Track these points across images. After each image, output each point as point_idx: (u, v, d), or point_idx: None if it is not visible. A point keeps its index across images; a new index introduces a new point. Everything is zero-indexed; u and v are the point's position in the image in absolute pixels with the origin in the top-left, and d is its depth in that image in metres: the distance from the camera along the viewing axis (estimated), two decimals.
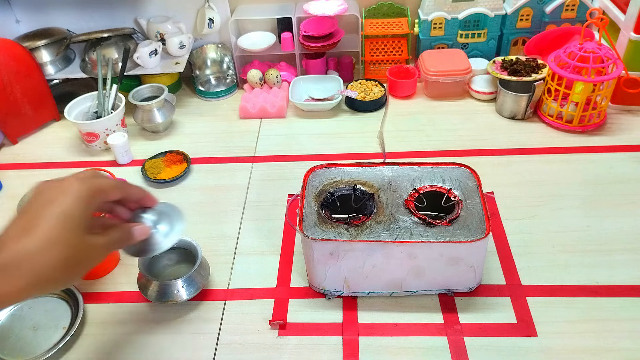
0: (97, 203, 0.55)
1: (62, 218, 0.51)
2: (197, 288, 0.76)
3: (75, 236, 0.52)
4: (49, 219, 0.50)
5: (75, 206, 0.52)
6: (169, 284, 0.74)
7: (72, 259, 0.52)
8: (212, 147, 1.13)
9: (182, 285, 0.75)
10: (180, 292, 0.75)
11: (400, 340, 0.71)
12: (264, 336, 0.73)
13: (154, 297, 0.75)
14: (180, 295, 0.75)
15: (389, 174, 0.80)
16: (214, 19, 1.28)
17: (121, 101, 1.14)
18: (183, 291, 0.75)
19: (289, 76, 1.31)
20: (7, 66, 1.13)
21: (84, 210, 0.53)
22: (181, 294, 0.75)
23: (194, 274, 0.76)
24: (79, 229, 0.52)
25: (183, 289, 0.75)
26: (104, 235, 0.56)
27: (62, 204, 0.51)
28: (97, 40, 1.24)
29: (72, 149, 1.17)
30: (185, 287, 0.75)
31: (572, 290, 0.77)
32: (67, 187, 0.53)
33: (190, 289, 0.76)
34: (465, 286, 0.76)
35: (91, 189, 0.54)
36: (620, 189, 0.94)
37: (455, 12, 1.25)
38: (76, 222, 0.52)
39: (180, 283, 0.75)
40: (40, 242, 0.49)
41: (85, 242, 0.53)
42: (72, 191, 0.53)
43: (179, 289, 0.75)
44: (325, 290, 0.77)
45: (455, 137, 1.10)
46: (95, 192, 0.54)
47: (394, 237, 0.69)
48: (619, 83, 1.08)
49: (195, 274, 0.76)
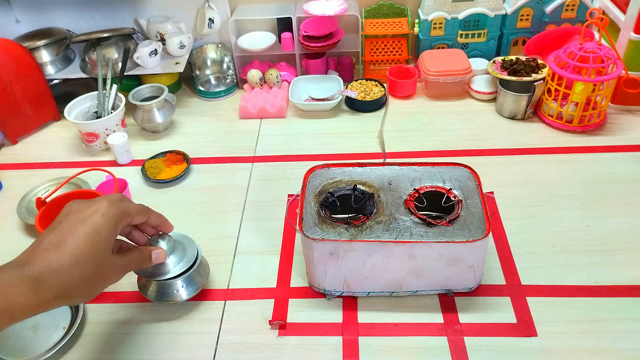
0: (123, 225, 0.60)
1: (92, 237, 0.55)
2: (196, 288, 0.76)
3: (102, 255, 0.56)
4: (79, 236, 0.54)
5: (104, 226, 0.56)
6: (168, 283, 0.74)
7: (97, 275, 0.56)
8: (212, 147, 1.13)
9: (182, 285, 0.75)
10: (180, 291, 0.75)
11: (400, 340, 0.71)
12: (264, 336, 0.73)
13: (153, 297, 0.75)
14: (180, 295, 0.75)
15: (389, 174, 0.80)
16: (214, 19, 1.28)
17: (121, 101, 1.14)
18: (183, 291, 0.75)
19: (289, 76, 1.31)
20: (7, 66, 1.13)
21: (112, 231, 0.57)
22: (181, 294, 0.75)
23: (194, 273, 0.76)
24: (106, 249, 0.56)
25: (183, 288, 0.75)
26: (125, 256, 0.61)
27: (92, 223, 0.55)
28: (97, 40, 1.24)
29: (72, 149, 1.17)
30: (185, 286, 0.75)
31: (572, 290, 0.77)
32: (98, 207, 0.57)
33: (190, 289, 0.75)
34: (465, 286, 0.76)
35: (119, 212, 0.58)
36: (620, 189, 0.94)
37: (455, 12, 1.25)
38: (103, 241, 0.56)
39: (179, 283, 0.75)
40: (70, 258, 0.53)
41: (110, 261, 0.57)
42: (102, 212, 0.57)
43: (178, 289, 0.75)
44: (325, 290, 0.77)
45: (455, 137, 1.10)
46: (123, 215, 0.59)
47: (394, 237, 0.69)
48: (619, 83, 1.08)
49: (195, 273, 0.76)
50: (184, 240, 0.76)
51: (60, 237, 0.54)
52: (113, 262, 0.58)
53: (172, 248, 0.72)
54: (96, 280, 0.56)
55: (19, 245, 0.91)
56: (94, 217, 0.56)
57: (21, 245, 0.58)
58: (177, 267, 0.72)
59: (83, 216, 0.56)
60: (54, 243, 0.53)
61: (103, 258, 0.56)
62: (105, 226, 0.56)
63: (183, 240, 0.76)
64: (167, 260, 0.72)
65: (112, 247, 0.58)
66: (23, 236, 0.94)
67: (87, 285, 0.55)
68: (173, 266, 0.72)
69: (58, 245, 0.53)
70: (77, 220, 0.55)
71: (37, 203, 0.90)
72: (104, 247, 0.56)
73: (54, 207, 0.91)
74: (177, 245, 0.74)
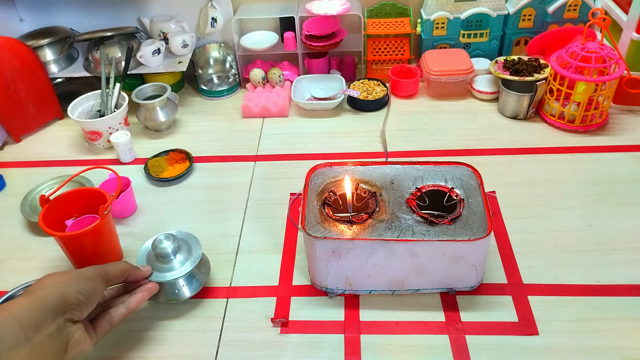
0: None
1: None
2: (198, 285, 0.76)
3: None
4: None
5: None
6: (169, 283, 0.75)
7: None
8: (214, 146, 1.14)
9: (183, 284, 0.75)
10: (182, 290, 0.75)
11: (402, 338, 0.72)
12: (266, 334, 0.74)
13: (155, 297, 0.75)
14: (182, 293, 0.75)
15: (391, 172, 0.80)
16: (217, 18, 1.28)
17: (124, 100, 1.14)
18: (184, 289, 0.75)
19: (292, 75, 1.31)
20: (10, 65, 1.13)
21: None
22: (183, 292, 0.75)
23: (194, 271, 0.76)
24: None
25: (184, 287, 0.75)
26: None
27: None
28: (101, 39, 1.24)
29: (75, 147, 1.17)
30: (187, 285, 0.76)
31: (574, 289, 0.77)
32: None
33: (192, 287, 0.76)
34: (467, 285, 0.76)
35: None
36: (621, 188, 0.94)
37: (457, 12, 1.25)
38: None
39: (180, 282, 0.75)
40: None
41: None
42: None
43: (179, 288, 0.75)
44: (327, 288, 0.78)
45: (457, 136, 1.11)
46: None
47: (396, 236, 0.70)
48: (621, 83, 1.08)
49: (196, 270, 0.76)
50: (188, 239, 0.77)
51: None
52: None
53: (177, 248, 0.73)
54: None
55: (22, 243, 0.92)
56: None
57: (24, 243, 0.58)
58: (183, 268, 0.73)
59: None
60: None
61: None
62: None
63: (188, 239, 0.76)
64: (174, 260, 0.72)
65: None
66: (26, 234, 0.94)
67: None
68: (179, 266, 0.73)
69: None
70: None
71: (40, 201, 0.90)
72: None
73: (58, 205, 0.91)
74: (182, 245, 0.74)
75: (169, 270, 0.72)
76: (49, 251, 0.89)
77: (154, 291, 0.70)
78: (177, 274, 0.72)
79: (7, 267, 0.87)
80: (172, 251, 0.73)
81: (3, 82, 1.12)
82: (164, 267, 0.73)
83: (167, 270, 0.72)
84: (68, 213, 0.92)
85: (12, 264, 0.87)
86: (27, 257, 0.89)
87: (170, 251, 0.73)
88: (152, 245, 0.73)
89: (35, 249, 0.90)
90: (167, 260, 0.73)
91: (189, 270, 0.73)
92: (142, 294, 0.68)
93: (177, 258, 0.73)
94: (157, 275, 0.72)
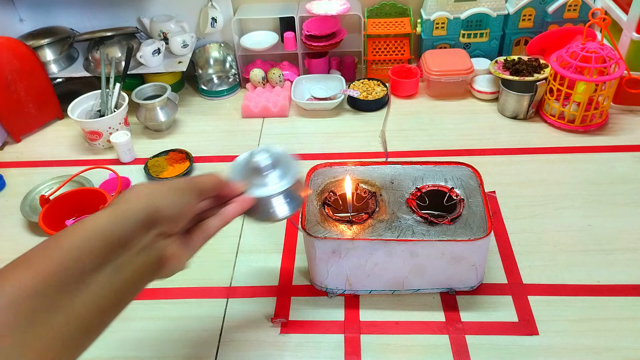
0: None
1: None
2: (293, 207, 0.66)
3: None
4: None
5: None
6: (263, 200, 0.64)
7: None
8: (214, 146, 1.14)
9: (278, 203, 0.65)
10: (276, 210, 0.65)
11: (402, 338, 0.72)
12: (266, 334, 0.74)
13: (248, 215, 0.64)
14: (276, 213, 0.65)
15: (391, 172, 0.80)
16: (217, 18, 1.28)
17: (124, 100, 1.15)
18: (279, 209, 0.65)
19: (292, 75, 1.31)
20: (10, 65, 1.13)
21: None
22: (277, 212, 0.65)
23: (291, 191, 0.65)
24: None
25: (280, 206, 0.65)
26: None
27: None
28: (101, 39, 1.24)
29: (75, 147, 1.17)
30: (282, 204, 0.65)
31: (574, 289, 0.77)
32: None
33: (287, 207, 0.65)
34: (467, 285, 0.76)
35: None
36: (621, 188, 0.94)
37: (457, 12, 1.25)
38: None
39: (275, 200, 0.64)
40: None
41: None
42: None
43: (274, 207, 0.65)
44: (327, 288, 0.78)
45: (457, 136, 1.11)
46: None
47: (396, 236, 0.70)
48: (621, 83, 1.08)
49: (292, 190, 0.66)
50: (286, 159, 0.67)
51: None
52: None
53: (275, 164, 0.64)
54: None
55: (22, 243, 0.92)
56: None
57: (25, 243, 0.58)
58: (279, 185, 0.63)
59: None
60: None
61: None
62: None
63: (286, 159, 0.67)
64: (270, 176, 0.64)
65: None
66: (26, 234, 0.94)
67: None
68: (276, 183, 0.64)
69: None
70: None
71: (40, 201, 0.91)
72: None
73: (58, 205, 0.91)
74: (279, 162, 0.65)
75: (264, 186, 0.64)
76: None
77: (249, 204, 0.61)
78: (273, 191, 0.63)
79: None
80: (269, 165, 0.64)
81: (3, 82, 1.13)
82: (259, 182, 0.64)
83: (263, 186, 0.64)
84: (68, 213, 0.92)
85: None
86: None
87: (268, 165, 0.64)
88: (249, 157, 0.65)
89: None
90: (263, 176, 0.64)
91: (285, 188, 0.63)
92: (237, 204, 0.60)
93: (273, 175, 0.64)
94: (252, 191, 0.63)
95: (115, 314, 0.44)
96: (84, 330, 0.40)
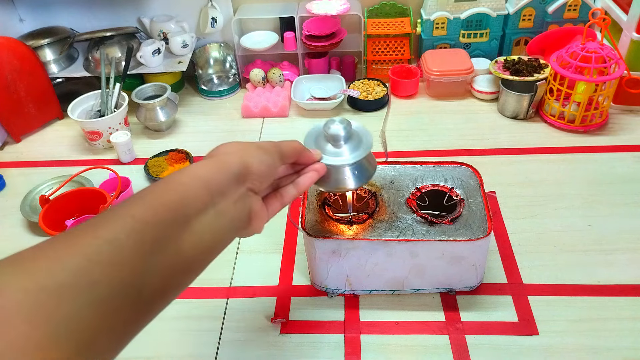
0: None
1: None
2: (366, 178, 0.67)
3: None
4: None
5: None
6: (336, 169, 0.65)
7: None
8: (214, 146, 1.13)
9: (351, 173, 0.66)
10: (348, 179, 0.66)
11: (402, 338, 0.72)
12: (266, 334, 0.74)
13: (320, 183, 0.65)
14: (349, 183, 0.66)
15: (391, 172, 0.80)
16: (217, 18, 1.28)
17: (124, 100, 1.15)
18: (351, 179, 0.66)
19: (292, 75, 1.31)
20: (10, 65, 1.13)
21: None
22: (349, 182, 0.66)
23: (364, 162, 0.66)
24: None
25: (352, 177, 0.66)
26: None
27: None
28: (101, 39, 1.24)
29: (75, 147, 1.17)
30: (354, 175, 0.66)
31: (574, 289, 0.77)
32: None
33: (359, 178, 0.66)
34: (467, 285, 0.76)
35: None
36: (621, 188, 0.94)
37: (457, 12, 1.25)
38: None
39: (348, 170, 0.66)
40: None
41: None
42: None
43: (347, 177, 0.66)
44: (327, 288, 0.78)
45: (457, 136, 1.11)
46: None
47: (396, 236, 0.70)
48: (621, 83, 1.08)
49: (365, 162, 0.67)
50: (361, 131, 0.68)
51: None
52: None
53: (349, 135, 0.65)
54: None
55: (22, 243, 0.92)
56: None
57: (25, 243, 0.58)
58: (353, 155, 0.64)
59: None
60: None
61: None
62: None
63: (360, 131, 0.68)
64: (344, 146, 0.65)
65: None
66: (26, 234, 0.94)
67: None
68: (349, 153, 0.65)
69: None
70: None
71: (40, 201, 0.91)
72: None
73: (58, 205, 0.91)
74: (354, 134, 0.66)
75: (338, 155, 0.65)
76: None
77: (322, 173, 0.62)
78: (346, 161, 0.64)
79: None
80: (344, 136, 0.65)
81: (3, 82, 1.13)
82: (333, 151, 0.65)
83: (336, 155, 0.65)
84: (68, 213, 0.92)
85: None
86: None
87: (343, 135, 0.65)
88: (325, 126, 0.66)
89: None
90: (337, 145, 0.65)
91: (359, 158, 0.64)
92: (311, 173, 0.61)
93: (347, 144, 0.65)
94: (325, 159, 0.64)
95: (211, 258, 0.46)
96: (186, 269, 0.42)
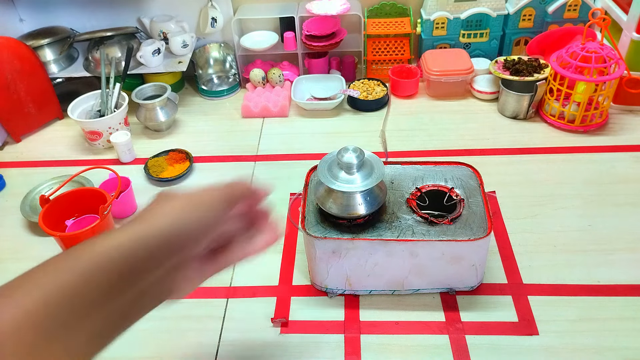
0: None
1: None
2: (377, 204, 0.70)
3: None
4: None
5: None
6: (347, 196, 0.67)
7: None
8: (214, 146, 1.14)
9: (362, 200, 0.69)
10: (359, 206, 0.69)
11: (402, 338, 0.72)
12: (266, 334, 0.74)
13: (335, 210, 0.68)
14: (359, 209, 0.69)
15: (391, 172, 0.80)
16: (217, 18, 1.28)
17: (124, 100, 1.14)
18: (362, 206, 0.69)
19: (292, 75, 1.31)
20: (10, 65, 1.13)
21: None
22: (360, 208, 0.69)
23: (375, 189, 0.69)
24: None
25: (363, 204, 0.69)
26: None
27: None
28: (101, 39, 1.24)
29: (75, 147, 1.17)
30: (365, 202, 0.69)
31: (574, 289, 0.77)
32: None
33: (370, 205, 0.69)
34: (467, 285, 0.76)
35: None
36: (621, 188, 0.94)
37: (457, 12, 1.25)
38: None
39: (359, 197, 0.68)
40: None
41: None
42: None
43: (358, 203, 0.69)
44: (328, 288, 0.78)
45: (457, 136, 1.11)
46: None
47: (396, 236, 0.70)
48: (621, 83, 1.08)
49: (377, 189, 0.69)
50: (373, 159, 0.71)
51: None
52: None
53: (362, 163, 0.68)
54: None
55: (22, 243, 0.92)
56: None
57: (25, 243, 0.58)
58: (365, 183, 0.67)
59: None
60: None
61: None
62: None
63: (372, 159, 0.71)
64: (356, 173, 0.67)
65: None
66: (26, 234, 0.94)
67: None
68: (361, 181, 0.67)
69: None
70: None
71: (40, 201, 0.90)
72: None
73: (58, 204, 0.91)
74: (366, 162, 0.69)
75: (350, 182, 0.67)
76: (49, 251, 0.88)
77: (277, 238, 0.56)
78: (358, 188, 0.66)
79: (7, 267, 0.87)
80: (356, 164, 0.67)
81: (3, 82, 1.13)
82: (346, 178, 0.67)
83: (349, 182, 0.67)
84: (68, 213, 0.92)
85: (11, 264, 0.87)
86: (26, 257, 0.89)
87: (355, 163, 0.67)
88: (338, 154, 0.68)
89: (35, 249, 0.90)
90: (350, 172, 0.68)
91: (370, 186, 0.67)
92: (269, 236, 0.54)
93: (360, 172, 0.67)
94: (339, 186, 0.67)
95: (121, 333, 0.41)
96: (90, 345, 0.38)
